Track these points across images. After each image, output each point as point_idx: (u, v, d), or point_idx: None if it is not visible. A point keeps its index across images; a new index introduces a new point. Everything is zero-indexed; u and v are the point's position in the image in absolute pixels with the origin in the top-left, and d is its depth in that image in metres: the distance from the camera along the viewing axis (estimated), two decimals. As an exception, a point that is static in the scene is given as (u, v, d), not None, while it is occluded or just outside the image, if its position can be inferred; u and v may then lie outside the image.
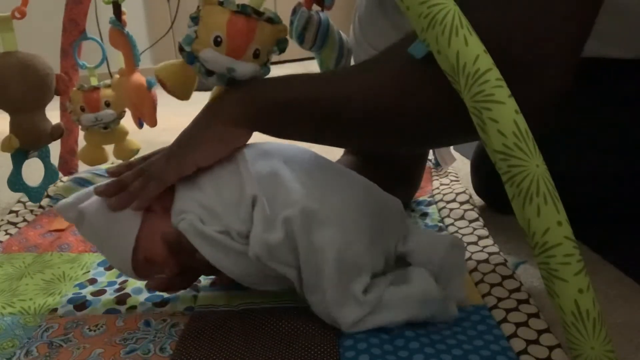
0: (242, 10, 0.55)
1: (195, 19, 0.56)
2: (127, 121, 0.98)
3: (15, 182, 0.89)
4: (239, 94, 0.56)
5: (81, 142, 1.01)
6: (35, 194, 0.91)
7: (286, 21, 0.68)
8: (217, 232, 0.52)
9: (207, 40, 0.55)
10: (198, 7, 0.57)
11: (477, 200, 0.85)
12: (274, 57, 0.60)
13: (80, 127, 0.98)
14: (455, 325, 0.53)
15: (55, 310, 0.60)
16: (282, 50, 0.58)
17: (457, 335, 0.51)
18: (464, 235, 0.72)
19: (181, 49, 0.57)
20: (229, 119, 0.55)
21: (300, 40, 0.70)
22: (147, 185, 0.55)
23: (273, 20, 0.56)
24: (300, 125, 0.55)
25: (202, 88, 0.72)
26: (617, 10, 0.57)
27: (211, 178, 0.55)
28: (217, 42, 0.55)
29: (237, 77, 0.56)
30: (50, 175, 0.93)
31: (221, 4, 0.55)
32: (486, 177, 0.82)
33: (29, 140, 0.87)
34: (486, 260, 0.64)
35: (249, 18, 0.55)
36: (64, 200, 0.58)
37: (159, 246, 0.54)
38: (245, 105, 0.55)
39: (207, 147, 0.55)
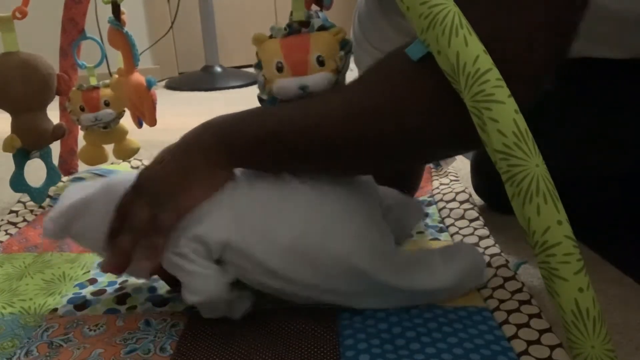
0: (290, 30, 0.57)
1: (258, 64, 0.59)
2: (127, 121, 0.98)
3: (18, 182, 0.89)
4: (218, 131, 0.53)
5: (81, 141, 1.01)
6: (37, 195, 0.91)
7: (285, 20, 0.68)
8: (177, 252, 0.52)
9: (272, 75, 0.57)
10: (256, 53, 0.59)
11: (477, 200, 0.85)
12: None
13: (79, 126, 0.98)
14: (457, 323, 0.53)
15: (56, 310, 0.60)
16: (348, 51, 0.59)
17: (459, 334, 0.51)
18: (464, 235, 0.72)
19: (261, 100, 0.59)
20: (215, 162, 0.52)
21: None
22: (153, 243, 0.52)
23: (325, 27, 0.58)
24: (292, 158, 0.52)
25: (202, 88, 0.73)
26: (604, 11, 0.57)
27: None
28: (279, 68, 0.57)
29: (314, 90, 0.56)
30: (52, 176, 0.93)
31: (271, 36, 0.58)
32: (486, 177, 0.82)
33: (30, 140, 0.87)
34: (488, 264, 0.64)
35: (298, 33, 0.57)
36: (49, 228, 0.56)
37: None
38: (228, 144, 0.52)
39: (197, 193, 0.52)
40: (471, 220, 0.76)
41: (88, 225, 0.55)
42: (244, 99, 1.87)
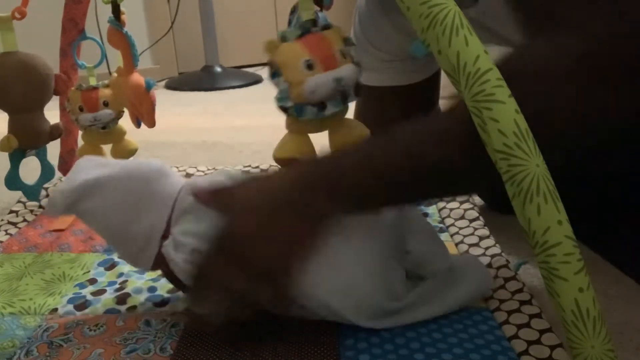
0: (304, 29, 0.56)
1: (276, 73, 0.56)
2: (126, 121, 0.98)
3: (12, 180, 0.89)
4: (317, 176, 0.48)
5: (80, 141, 1.01)
6: (31, 192, 0.91)
7: (285, 20, 0.68)
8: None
9: (300, 76, 0.55)
10: (270, 63, 0.57)
11: (477, 200, 0.85)
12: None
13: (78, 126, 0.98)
14: (457, 323, 0.53)
15: (56, 310, 0.60)
16: (351, 44, 0.59)
17: (459, 334, 0.51)
18: (465, 236, 0.72)
19: (285, 109, 0.56)
20: (319, 211, 0.47)
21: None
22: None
23: (328, 26, 0.57)
24: (393, 193, 0.48)
25: (202, 88, 0.72)
26: None
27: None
28: (310, 66, 0.55)
29: (347, 83, 0.55)
30: (46, 173, 0.93)
31: (284, 39, 0.56)
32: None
33: (28, 140, 0.87)
34: (489, 265, 0.64)
35: (313, 32, 0.56)
36: (57, 201, 0.54)
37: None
38: (331, 189, 0.47)
39: (301, 253, 0.48)
40: (471, 220, 0.76)
41: (98, 207, 0.54)
42: (244, 99, 1.87)
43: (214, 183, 0.53)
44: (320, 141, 0.60)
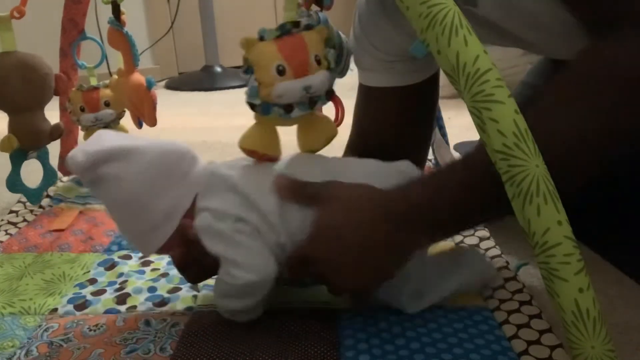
0: (283, 31, 0.56)
1: (248, 69, 0.57)
2: (127, 121, 0.98)
3: (14, 182, 0.89)
4: (411, 218, 0.50)
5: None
6: (33, 195, 0.91)
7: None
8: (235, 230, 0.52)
9: (271, 79, 0.55)
10: (244, 59, 0.57)
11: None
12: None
13: (79, 127, 0.98)
14: (457, 322, 0.53)
15: (56, 310, 0.60)
16: (332, 47, 0.58)
17: (459, 334, 0.51)
18: (465, 237, 0.72)
19: (252, 106, 0.57)
20: (415, 247, 0.52)
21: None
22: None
23: (311, 26, 0.57)
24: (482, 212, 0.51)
25: (202, 88, 0.71)
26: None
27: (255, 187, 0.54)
28: (281, 71, 0.55)
29: (316, 92, 0.55)
30: (48, 177, 0.93)
31: (262, 38, 0.56)
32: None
33: (28, 140, 0.87)
34: (489, 265, 0.64)
35: (293, 34, 0.56)
36: (78, 160, 0.52)
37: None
38: (426, 215, 0.50)
39: (403, 256, 0.52)
40: (471, 221, 0.76)
41: (124, 173, 0.53)
42: (244, 99, 1.87)
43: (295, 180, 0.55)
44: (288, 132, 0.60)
